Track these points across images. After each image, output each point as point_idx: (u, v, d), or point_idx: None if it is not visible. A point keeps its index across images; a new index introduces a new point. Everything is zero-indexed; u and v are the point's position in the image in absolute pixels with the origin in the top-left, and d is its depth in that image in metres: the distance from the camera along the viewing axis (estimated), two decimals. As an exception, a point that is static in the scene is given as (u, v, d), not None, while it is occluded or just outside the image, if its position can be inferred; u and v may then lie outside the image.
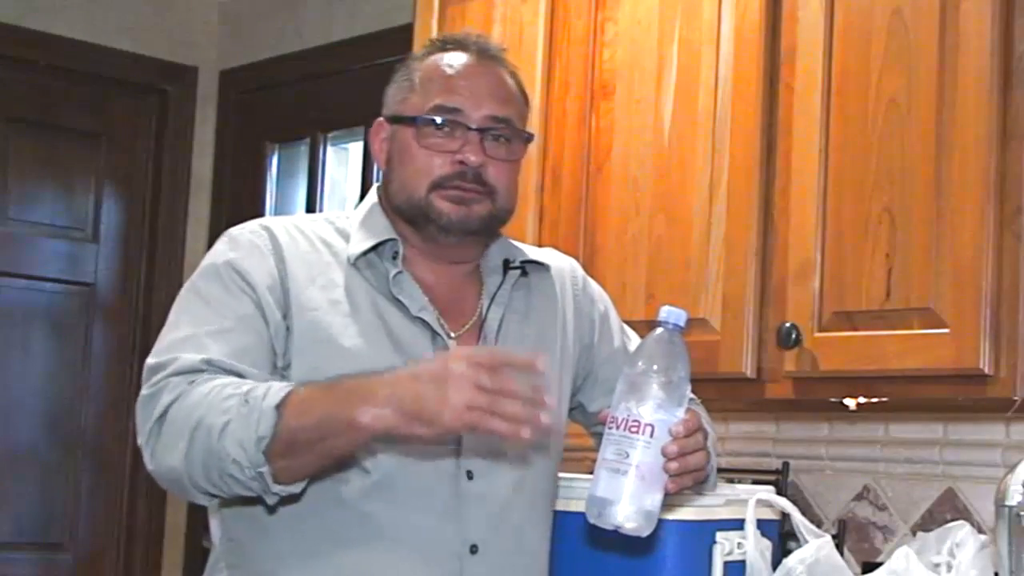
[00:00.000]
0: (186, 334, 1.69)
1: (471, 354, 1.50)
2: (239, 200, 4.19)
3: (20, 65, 4.02)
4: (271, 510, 1.67)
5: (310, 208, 4.00)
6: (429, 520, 1.70)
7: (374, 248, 1.78)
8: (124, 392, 4.16)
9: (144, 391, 1.66)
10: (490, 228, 1.82)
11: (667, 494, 1.63)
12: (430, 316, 1.76)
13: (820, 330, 2.09)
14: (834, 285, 2.09)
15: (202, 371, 1.64)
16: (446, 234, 1.77)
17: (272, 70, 4.12)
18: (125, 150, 4.22)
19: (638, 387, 1.61)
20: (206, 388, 1.60)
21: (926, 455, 2.38)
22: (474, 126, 1.76)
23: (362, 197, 1.94)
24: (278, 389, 1.56)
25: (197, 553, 3.93)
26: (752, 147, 2.21)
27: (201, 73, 4.29)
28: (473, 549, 1.73)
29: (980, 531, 2.05)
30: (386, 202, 1.83)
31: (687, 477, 1.64)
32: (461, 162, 1.75)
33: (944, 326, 1.96)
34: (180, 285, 1.80)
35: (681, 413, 1.62)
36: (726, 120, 2.25)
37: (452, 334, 1.78)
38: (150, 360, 1.69)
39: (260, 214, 4.10)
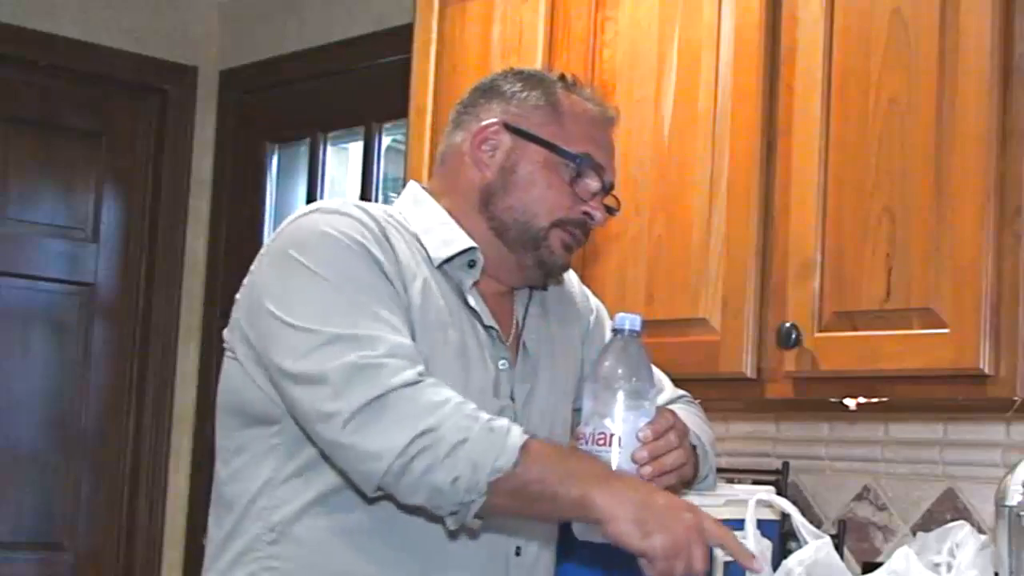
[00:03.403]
0: (361, 310, 1.64)
1: (709, 521, 1.58)
2: (239, 200, 4.20)
3: (20, 65, 4.02)
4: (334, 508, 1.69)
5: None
6: (484, 524, 1.71)
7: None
8: (124, 392, 4.16)
9: (353, 359, 1.59)
10: (563, 274, 1.91)
11: None
12: (496, 326, 1.80)
13: (820, 330, 2.09)
14: (834, 285, 2.09)
15: (417, 360, 1.62)
16: (539, 267, 1.81)
17: (272, 70, 4.12)
18: (125, 150, 4.22)
19: (601, 399, 1.62)
20: (440, 396, 1.59)
21: (926, 455, 2.38)
22: (606, 186, 1.82)
23: (362, 197, 1.94)
24: (520, 431, 1.58)
25: (197, 553, 3.92)
26: (752, 147, 2.21)
27: (201, 73, 4.29)
28: (518, 551, 1.78)
29: (980, 531, 2.04)
30: (480, 208, 1.80)
31: (668, 476, 1.66)
32: (587, 213, 1.80)
33: (944, 326, 1.95)
34: (180, 285, 1.79)
35: (649, 417, 1.62)
36: (726, 120, 2.25)
37: (504, 342, 1.82)
38: (327, 328, 1.62)
39: (260, 214, 4.10)
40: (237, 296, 1.77)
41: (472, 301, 1.77)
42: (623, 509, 1.54)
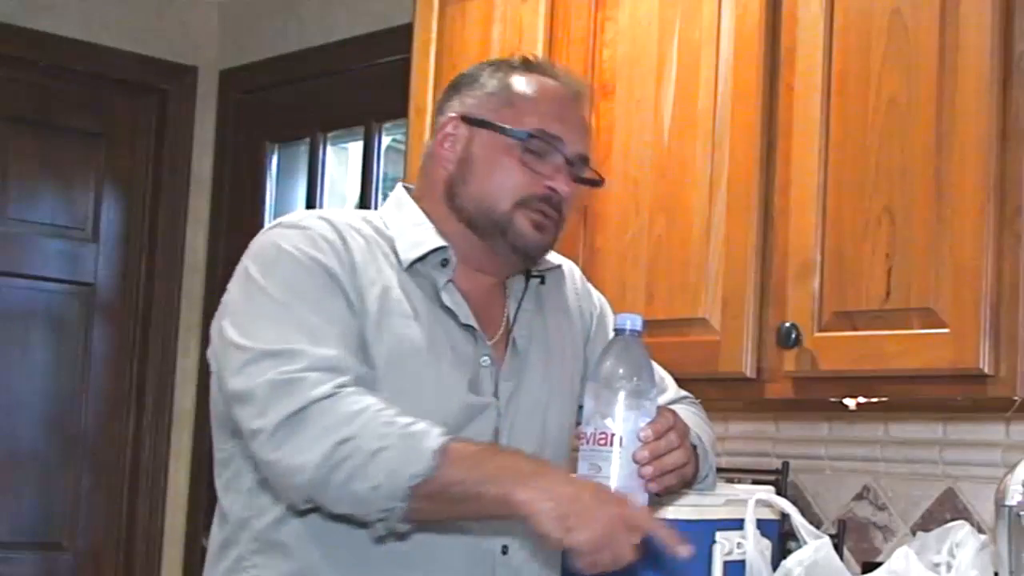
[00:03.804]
0: (296, 322, 1.66)
1: (635, 511, 1.56)
2: (239, 200, 4.20)
3: (20, 65, 4.02)
4: (308, 518, 1.69)
5: (310, 208, 4.00)
6: (466, 523, 1.72)
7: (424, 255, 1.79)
8: (124, 392, 4.16)
9: (271, 375, 1.62)
10: (545, 254, 1.87)
11: (658, 495, 1.64)
12: (475, 324, 1.79)
13: (820, 330, 2.09)
14: (834, 285, 2.09)
15: (341, 371, 1.63)
16: (513, 252, 1.80)
17: (272, 70, 4.12)
18: (125, 150, 4.22)
19: (603, 398, 1.62)
20: (361, 404, 1.60)
21: (926, 455, 2.38)
22: (569, 157, 1.80)
23: (362, 197, 1.94)
24: (439, 433, 1.57)
25: (197, 553, 3.93)
26: (752, 147, 2.21)
27: (201, 73, 4.29)
28: (504, 550, 1.77)
29: (980, 531, 2.05)
30: (447, 203, 1.82)
31: (669, 477, 1.66)
32: (551, 188, 1.78)
33: (944, 326, 1.95)
34: (180, 285, 1.80)
35: (650, 417, 1.62)
36: (726, 120, 2.25)
37: (488, 341, 1.81)
38: (250, 342, 1.65)
39: (260, 214, 4.10)
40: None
41: (447, 300, 1.78)
42: (545, 505, 1.53)
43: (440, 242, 1.78)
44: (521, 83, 1.83)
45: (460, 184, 1.81)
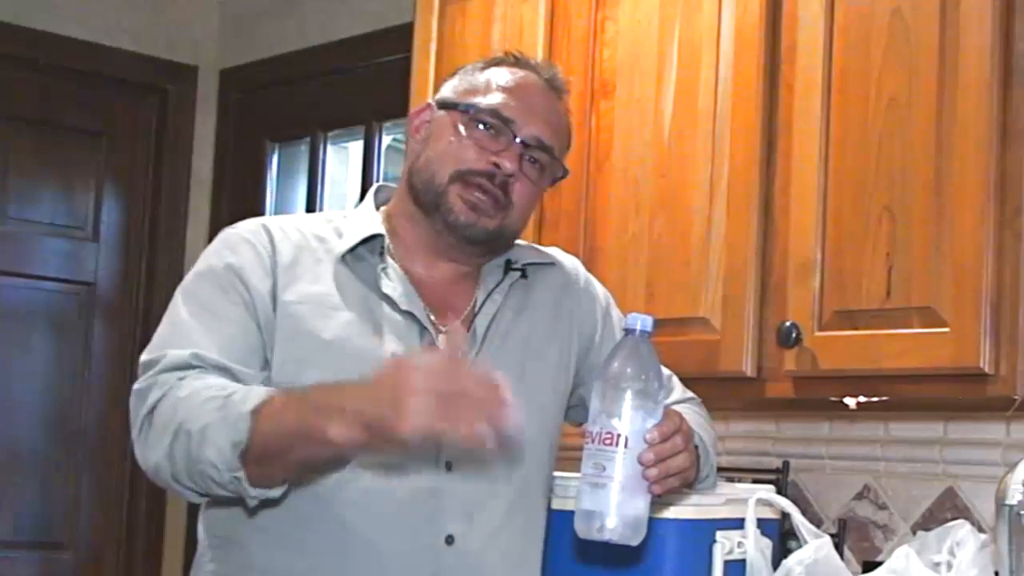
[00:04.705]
0: (178, 331, 1.72)
1: (428, 361, 1.46)
2: (239, 200, 4.20)
3: (21, 64, 4.02)
4: (251, 509, 1.69)
5: (310, 207, 4.01)
6: (405, 510, 1.71)
7: (363, 243, 1.79)
8: (124, 392, 4.08)
9: (136, 385, 1.70)
10: (492, 243, 1.84)
11: (659, 496, 1.64)
12: (418, 310, 1.78)
13: (820, 329, 2.10)
14: (834, 284, 2.09)
15: (191, 367, 1.67)
16: (446, 229, 1.80)
17: (272, 69, 4.12)
18: (125, 150, 4.22)
19: (609, 398, 1.61)
20: (189, 388, 1.63)
21: (926, 454, 2.38)
22: (520, 139, 1.79)
23: (362, 196, 1.95)
24: (256, 395, 1.58)
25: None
26: (752, 147, 2.21)
27: (201, 73, 4.29)
28: (449, 540, 1.74)
29: (980, 530, 2.05)
30: (406, 183, 1.84)
31: (672, 479, 1.65)
32: (495, 164, 1.78)
33: (944, 325, 1.96)
34: (180, 284, 1.82)
35: (656, 418, 1.62)
36: (726, 120, 2.25)
37: (443, 328, 1.79)
38: (143, 356, 1.73)
39: (260, 213, 4.09)
40: None
41: (385, 287, 1.77)
42: (359, 430, 1.46)
43: (375, 230, 1.80)
44: (495, 72, 1.85)
45: (416, 160, 1.83)
